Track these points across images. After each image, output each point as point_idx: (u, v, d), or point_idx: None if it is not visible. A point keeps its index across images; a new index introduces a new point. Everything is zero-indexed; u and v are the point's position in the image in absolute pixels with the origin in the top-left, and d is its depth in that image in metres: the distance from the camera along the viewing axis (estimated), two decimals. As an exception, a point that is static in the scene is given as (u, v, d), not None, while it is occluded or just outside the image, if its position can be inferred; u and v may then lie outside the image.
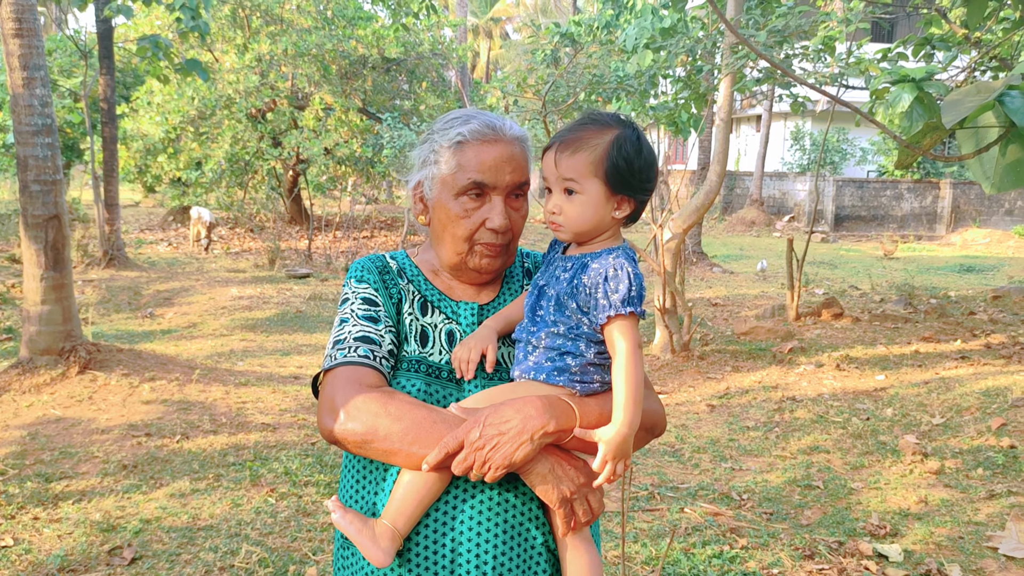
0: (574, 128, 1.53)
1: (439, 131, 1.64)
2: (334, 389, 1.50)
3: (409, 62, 17.89)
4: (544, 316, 1.54)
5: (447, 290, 1.69)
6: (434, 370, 1.58)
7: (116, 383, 6.12)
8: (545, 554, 1.53)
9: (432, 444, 1.42)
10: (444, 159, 1.61)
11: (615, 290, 1.46)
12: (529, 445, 1.41)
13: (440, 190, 1.62)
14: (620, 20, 9.33)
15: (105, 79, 12.93)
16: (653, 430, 1.65)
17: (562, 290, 1.52)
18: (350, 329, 1.58)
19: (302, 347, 8.63)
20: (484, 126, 1.60)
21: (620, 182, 1.50)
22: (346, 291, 1.66)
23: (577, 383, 1.52)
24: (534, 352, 1.54)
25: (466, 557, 1.47)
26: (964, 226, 23.66)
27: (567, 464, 1.48)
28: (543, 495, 1.46)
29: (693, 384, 7.41)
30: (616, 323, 1.47)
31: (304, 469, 4.84)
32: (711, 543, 4.06)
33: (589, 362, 1.52)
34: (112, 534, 3.93)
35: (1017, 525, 4.13)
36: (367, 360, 1.53)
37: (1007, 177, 2.30)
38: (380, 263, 1.69)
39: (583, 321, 1.51)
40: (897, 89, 2.33)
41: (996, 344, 7.96)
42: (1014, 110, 1.98)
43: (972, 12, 4.39)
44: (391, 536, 1.46)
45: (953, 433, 5.70)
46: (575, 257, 1.55)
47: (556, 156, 1.51)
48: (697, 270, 15.18)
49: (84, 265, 12.64)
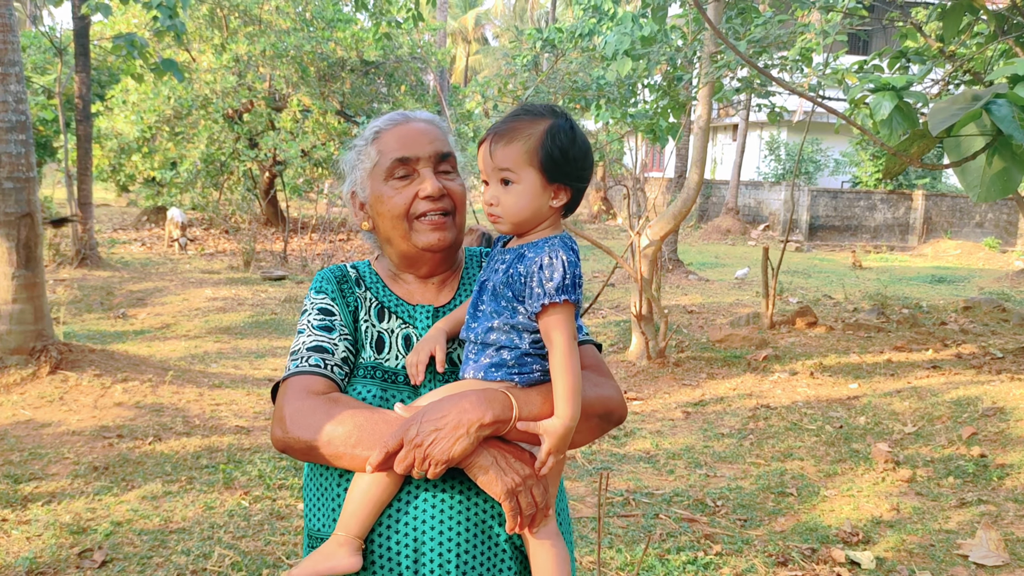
0: (507, 119, 1.54)
1: (359, 138, 1.72)
2: (284, 399, 1.53)
3: (388, 65, 17.86)
4: (484, 310, 1.54)
5: (406, 295, 1.70)
6: (389, 375, 1.59)
7: (88, 384, 6.04)
8: (510, 550, 1.53)
9: (374, 445, 1.42)
10: (367, 155, 1.67)
11: (549, 278, 1.45)
12: (466, 439, 1.40)
13: (371, 183, 1.66)
14: (601, 27, 9.37)
15: (80, 77, 12.79)
16: (608, 416, 1.62)
17: (498, 280, 1.52)
18: (304, 340, 1.61)
19: (277, 349, 8.57)
20: (394, 115, 1.70)
21: (556, 171, 1.50)
22: (306, 303, 1.69)
23: (516, 375, 1.51)
24: (475, 349, 1.54)
25: (429, 556, 1.46)
26: (936, 237, 23.96)
27: (511, 456, 1.47)
28: (486, 487, 1.45)
29: (669, 391, 7.44)
30: (551, 312, 1.46)
31: (278, 472, 4.80)
32: (685, 549, 4.07)
33: (525, 352, 1.51)
34: (82, 536, 3.88)
35: (987, 533, 4.18)
36: (318, 369, 1.56)
37: (994, 186, 2.32)
38: (340, 273, 1.71)
39: (519, 311, 1.50)
40: (877, 97, 2.35)
41: (967, 354, 8.06)
42: (1000, 118, 2.00)
43: (948, 25, 4.46)
44: (348, 543, 1.45)
45: (925, 442, 5.76)
46: (512, 248, 1.55)
47: (491, 147, 1.51)
48: (673, 277, 15.26)
49: (56, 264, 12.48)
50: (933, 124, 2.13)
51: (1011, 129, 2.09)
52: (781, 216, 24.70)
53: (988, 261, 20.60)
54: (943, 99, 2.22)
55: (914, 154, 2.56)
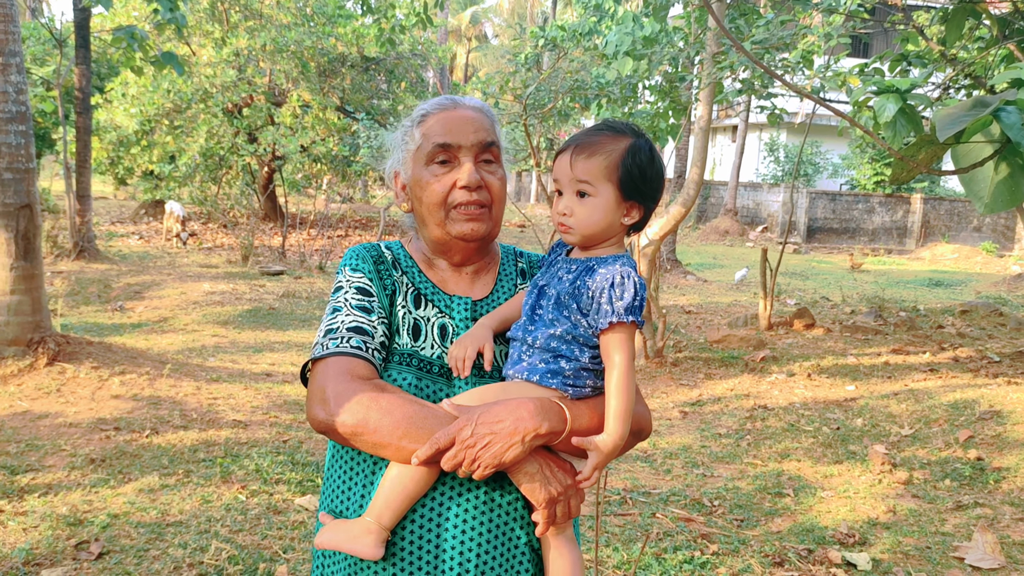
0: (590, 133, 1.56)
1: (407, 120, 1.71)
2: (325, 379, 1.50)
3: (388, 62, 17.84)
4: (543, 315, 1.55)
5: (441, 283, 1.69)
6: (425, 364, 1.58)
7: (85, 376, 6.03)
8: (528, 553, 1.54)
9: (422, 439, 1.42)
10: (411, 137, 1.67)
11: (620, 297, 1.48)
12: (520, 447, 1.42)
13: (413, 166, 1.66)
14: (602, 26, 9.36)
15: (81, 69, 12.76)
16: (640, 434, 1.66)
17: (563, 290, 1.53)
18: (343, 319, 1.57)
19: (274, 344, 8.56)
20: (444, 99, 1.69)
21: (632, 188, 1.53)
22: (340, 279, 1.65)
23: (570, 387, 1.53)
24: (529, 352, 1.55)
25: (450, 554, 1.47)
26: (933, 241, 24.01)
27: (555, 465, 1.50)
28: (530, 494, 1.47)
29: (666, 390, 7.44)
30: (616, 330, 1.48)
31: (275, 467, 4.80)
32: (682, 549, 4.07)
33: (583, 367, 1.53)
34: (79, 528, 3.87)
35: (983, 536, 4.18)
36: (359, 351, 1.53)
37: (1000, 197, 2.31)
38: (375, 252, 1.68)
39: (581, 323, 1.52)
40: (882, 99, 2.35)
41: (964, 358, 8.07)
42: (1010, 125, 1.99)
43: (950, 29, 4.46)
44: (376, 532, 1.45)
45: (921, 444, 5.77)
46: (580, 260, 1.56)
47: (572, 158, 1.53)
48: (671, 277, 15.27)
49: (53, 256, 12.46)
50: (941, 130, 2.11)
51: (1020, 137, 2.08)
52: (779, 218, 24.73)
53: (985, 265, 20.63)
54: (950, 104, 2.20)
55: (922, 160, 2.56)
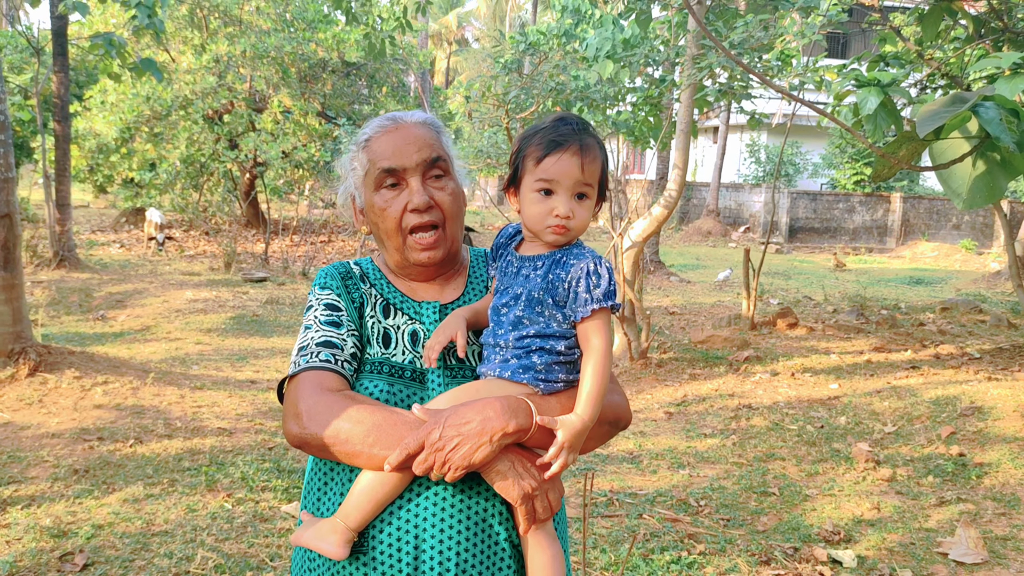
0: (579, 132, 1.55)
1: (353, 142, 1.72)
2: (297, 394, 1.53)
3: (369, 66, 17.82)
4: (507, 315, 1.56)
5: (409, 291, 1.71)
6: (397, 370, 1.60)
7: (67, 386, 5.98)
8: (509, 549, 1.54)
9: (393, 445, 1.43)
10: (359, 162, 1.67)
11: (597, 284, 1.50)
12: (488, 447, 1.42)
13: (364, 192, 1.67)
14: (578, 29, 9.39)
15: (58, 76, 12.67)
16: (617, 423, 1.67)
17: (535, 286, 1.53)
18: (312, 335, 1.60)
19: (259, 351, 8.53)
20: (385, 119, 1.68)
21: (605, 188, 1.58)
22: (310, 299, 1.68)
23: (541, 382, 1.53)
24: (500, 351, 1.56)
25: (429, 554, 1.47)
26: (913, 239, 24.20)
27: (528, 461, 1.50)
28: (504, 492, 1.47)
29: (651, 391, 7.46)
30: (596, 316, 1.50)
31: (261, 474, 4.78)
32: (669, 549, 4.09)
33: (555, 360, 1.53)
34: (63, 540, 3.84)
35: (966, 531, 4.22)
36: (328, 364, 1.56)
37: (978, 193, 2.34)
38: (343, 269, 1.71)
39: (556, 318, 1.53)
40: (863, 92, 2.37)
41: (945, 355, 8.14)
42: (988, 120, 2.02)
43: (926, 28, 4.51)
44: (342, 532, 1.47)
45: (904, 441, 5.81)
46: (544, 255, 1.57)
47: (583, 161, 1.52)
48: (655, 279, 15.32)
49: (34, 266, 12.35)
50: (921, 126, 2.13)
51: (998, 131, 2.10)
52: (761, 218, 24.86)
53: (965, 263, 20.82)
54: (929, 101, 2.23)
55: (903, 157, 2.58)
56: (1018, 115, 2.00)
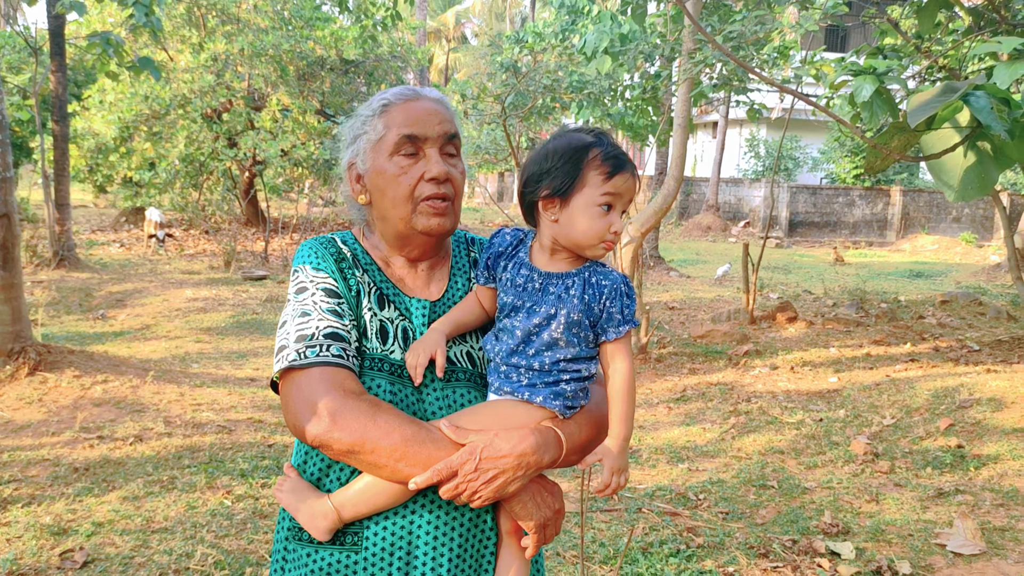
0: (616, 148, 1.53)
1: (363, 107, 1.66)
2: (313, 391, 1.45)
3: (368, 64, 17.79)
4: (540, 335, 1.51)
5: (399, 282, 1.65)
6: (396, 369, 1.55)
7: (67, 385, 5.99)
8: (495, 563, 1.56)
9: (418, 463, 1.41)
10: (371, 126, 1.60)
11: (628, 305, 1.50)
12: (522, 481, 1.45)
13: (374, 157, 1.59)
14: (577, 25, 9.39)
15: (56, 76, 12.67)
16: None
17: (573, 308, 1.50)
18: (317, 324, 1.51)
19: (258, 349, 8.53)
20: (404, 89, 1.64)
21: None
22: (301, 278, 1.57)
23: (568, 408, 1.53)
24: (527, 373, 1.52)
25: (422, 560, 1.48)
26: (913, 233, 24.19)
27: (544, 491, 1.52)
28: (521, 519, 1.50)
29: (651, 386, 7.47)
30: (626, 338, 1.51)
31: (260, 471, 4.79)
32: (668, 542, 4.10)
33: (582, 387, 1.54)
34: (63, 538, 3.85)
35: (964, 523, 4.23)
36: (341, 360, 1.48)
37: (970, 185, 2.34)
38: (334, 249, 1.62)
39: (588, 339, 1.51)
40: (859, 80, 2.37)
41: (944, 347, 8.15)
42: (979, 109, 2.02)
43: (923, 20, 4.51)
44: (333, 521, 1.48)
45: (903, 433, 5.82)
46: (571, 273, 1.53)
47: (636, 181, 1.52)
48: (655, 274, 15.31)
49: (33, 266, 12.36)
50: (912, 116, 2.13)
51: (990, 120, 2.10)
52: (761, 213, 24.85)
53: (965, 256, 20.81)
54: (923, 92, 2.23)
55: (895, 148, 2.58)
56: (1009, 104, 2.00)
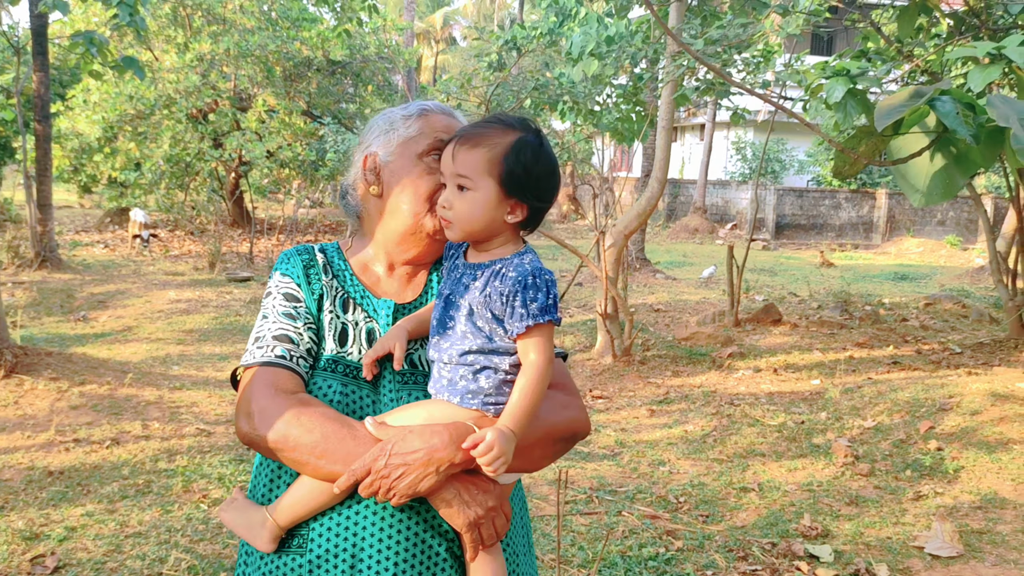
0: (478, 125, 1.52)
1: (398, 109, 1.69)
2: (250, 391, 1.51)
3: (355, 65, 17.75)
4: (454, 328, 1.49)
5: (372, 285, 1.67)
6: (351, 370, 1.56)
7: (44, 387, 5.94)
8: (450, 559, 1.52)
9: (340, 460, 1.42)
10: (406, 125, 1.64)
11: (534, 299, 1.43)
12: (434, 477, 1.41)
13: (402, 151, 1.62)
14: (563, 27, 9.38)
15: (39, 76, 12.58)
16: (573, 439, 1.63)
17: (474, 299, 1.47)
18: (269, 327, 1.58)
19: (240, 352, 8.47)
20: (444, 106, 1.71)
21: (514, 185, 1.47)
22: (270, 284, 1.65)
23: (491, 405, 1.48)
24: (447, 368, 1.49)
25: (367, 563, 1.46)
26: (899, 235, 24.29)
27: (474, 488, 1.47)
28: (449, 519, 1.46)
29: (634, 389, 7.46)
30: (534, 332, 1.44)
31: (239, 474, 4.75)
32: (647, 545, 4.09)
33: (504, 379, 1.48)
34: (35, 543, 3.81)
35: (942, 525, 4.23)
36: (283, 361, 1.53)
37: (935, 189, 2.34)
38: (307, 255, 1.66)
39: (497, 332, 1.47)
40: (831, 82, 2.37)
41: (927, 350, 8.18)
42: (945, 113, 2.01)
43: (902, 25, 4.52)
44: (271, 528, 1.48)
45: (884, 436, 5.83)
46: (484, 264, 1.50)
47: (454, 150, 1.48)
48: (640, 276, 15.32)
49: (15, 267, 12.26)
50: (879, 120, 2.13)
51: (955, 124, 2.10)
52: (748, 215, 24.91)
53: (949, 258, 20.92)
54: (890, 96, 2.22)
55: (864, 152, 2.58)
56: (974, 108, 2.00)
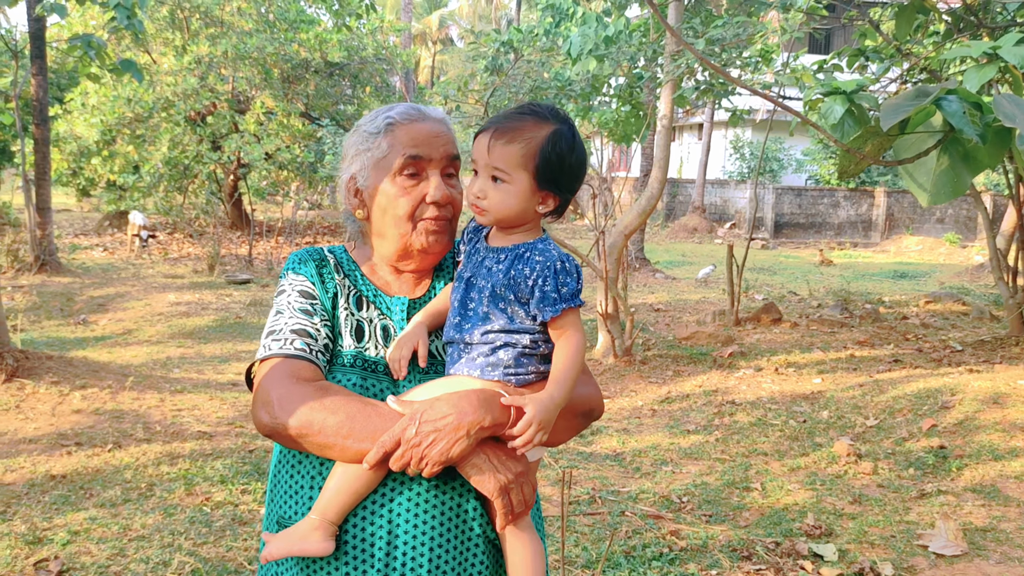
0: (512, 117, 1.53)
1: (367, 122, 1.67)
2: (270, 382, 1.50)
3: (353, 66, 17.74)
4: (475, 310, 1.53)
5: (383, 286, 1.69)
6: (370, 365, 1.57)
7: (45, 391, 5.93)
8: (483, 544, 1.53)
9: (367, 437, 1.41)
10: (375, 144, 1.63)
11: (565, 283, 1.48)
12: (465, 441, 1.41)
13: (375, 174, 1.62)
14: (560, 28, 9.38)
15: (37, 79, 12.57)
16: (590, 415, 1.66)
17: (497, 282, 1.51)
18: (286, 321, 1.58)
19: (241, 354, 8.48)
20: (409, 108, 1.66)
21: (549, 178, 1.51)
22: (283, 282, 1.65)
23: (512, 375, 1.51)
24: (467, 349, 1.53)
25: (402, 549, 1.46)
26: (898, 233, 24.30)
27: (502, 454, 1.48)
28: (480, 486, 1.46)
29: (635, 389, 7.46)
30: (569, 315, 1.49)
31: (241, 477, 4.74)
32: (651, 546, 4.08)
33: (521, 352, 1.51)
34: (38, 547, 3.80)
35: (946, 523, 4.23)
36: (303, 353, 1.53)
37: (942, 188, 2.34)
38: (318, 256, 1.68)
39: (518, 314, 1.51)
40: (829, 101, 2.38)
41: (927, 348, 8.17)
42: (951, 113, 2.01)
43: (900, 24, 4.52)
44: (323, 527, 1.45)
45: (886, 434, 5.83)
46: (507, 248, 1.54)
47: (490, 142, 1.50)
48: (640, 276, 15.32)
49: (14, 271, 12.25)
50: (884, 119, 2.13)
51: (962, 124, 2.10)
52: (747, 214, 24.92)
53: (949, 256, 20.93)
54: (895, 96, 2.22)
55: (869, 152, 2.58)
56: (981, 108, 2.00)
